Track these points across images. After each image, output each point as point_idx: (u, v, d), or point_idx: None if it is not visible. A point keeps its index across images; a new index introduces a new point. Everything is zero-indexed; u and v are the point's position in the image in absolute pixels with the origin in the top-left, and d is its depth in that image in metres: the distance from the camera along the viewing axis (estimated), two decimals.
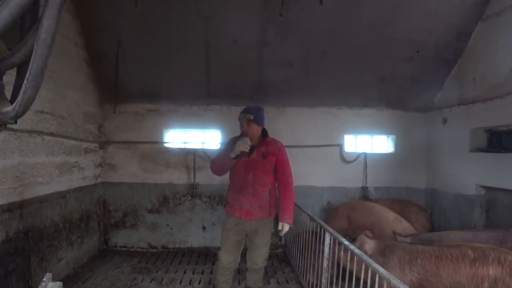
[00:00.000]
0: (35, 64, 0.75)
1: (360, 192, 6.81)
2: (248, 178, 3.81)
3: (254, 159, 3.82)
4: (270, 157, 3.83)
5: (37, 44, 0.73)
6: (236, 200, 3.88)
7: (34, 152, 4.42)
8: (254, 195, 3.80)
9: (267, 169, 3.84)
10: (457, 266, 3.16)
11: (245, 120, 3.80)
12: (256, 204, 3.82)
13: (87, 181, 5.94)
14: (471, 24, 5.48)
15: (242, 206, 3.82)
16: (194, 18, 5.22)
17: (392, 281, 2.27)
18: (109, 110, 6.44)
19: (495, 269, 3.04)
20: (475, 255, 3.16)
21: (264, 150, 3.84)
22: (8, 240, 3.91)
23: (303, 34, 5.46)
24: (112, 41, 5.56)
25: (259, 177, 3.81)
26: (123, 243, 6.63)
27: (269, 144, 3.90)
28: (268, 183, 3.87)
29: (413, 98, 6.60)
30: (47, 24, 0.71)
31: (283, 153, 3.93)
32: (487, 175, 5.27)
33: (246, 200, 3.81)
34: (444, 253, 3.27)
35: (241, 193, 3.83)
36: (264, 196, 3.84)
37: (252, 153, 3.81)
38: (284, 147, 3.98)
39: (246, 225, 3.86)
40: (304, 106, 6.69)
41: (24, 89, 0.80)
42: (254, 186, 3.80)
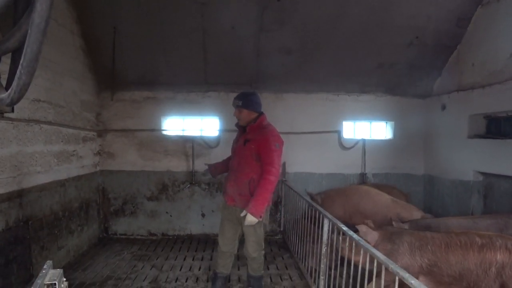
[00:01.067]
0: (29, 50, 0.74)
1: (359, 179, 6.83)
2: (234, 164, 3.92)
3: (239, 146, 3.87)
4: (249, 144, 3.75)
5: (31, 29, 0.72)
6: (224, 184, 4.05)
7: (32, 141, 4.40)
8: (235, 182, 3.84)
9: (248, 156, 3.76)
10: (466, 252, 3.21)
11: (234, 106, 3.91)
12: (236, 192, 3.83)
13: (86, 169, 5.94)
14: (470, 10, 5.44)
15: (226, 191, 3.95)
16: (191, 4, 5.17)
17: (390, 266, 2.28)
18: (107, 98, 6.41)
19: (502, 254, 3.11)
20: (482, 241, 3.23)
21: (246, 137, 3.82)
22: (8, 229, 3.92)
23: (301, 20, 5.41)
24: (109, 29, 5.51)
25: (241, 164, 3.82)
26: (123, 230, 6.66)
27: (254, 131, 3.83)
28: (251, 171, 3.75)
29: (412, 84, 6.58)
30: (40, 8, 0.69)
31: (267, 139, 3.69)
32: (485, 161, 5.28)
33: (229, 186, 3.91)
34: (453, 240, 3.32)
35: (228, 178, 3.99)
36: (243, 184, 3.78)
37: (238, 139, 3.96)
38: (274, 135, 3.79)
39: (232, 210, 3.90)
40: (302, 92, 6.67)
41: (19, 75, 0.79)
42: (236, 173, 3.85)
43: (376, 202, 5.38)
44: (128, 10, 5.26)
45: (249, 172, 3.76)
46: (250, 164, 3.76)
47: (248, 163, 3.77)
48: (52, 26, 4.80)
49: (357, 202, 5.47)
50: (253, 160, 3.74)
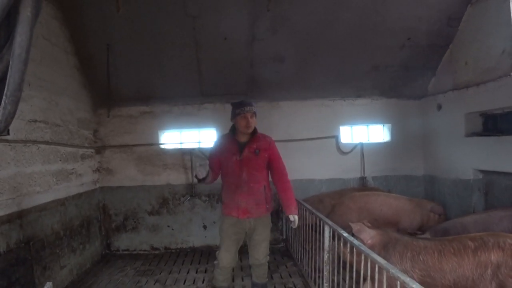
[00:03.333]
0: (12, 80, 0.75)
1: (359, 183, 6.83)
2: (242, 176, 3.76)
3: (246, 156, 3.77)
4: (262, 153, 3.80)
5: (12, 60, 0.73)
6: (232, 199, 3.82)
7: (30, 161, 4.41)
8: (249, 193, 3.76)
9: (260, 165, 3.82)
10: (460, 259, 3.15)
11: (250, 113, 3.76)
12: (253, 202, 3.78)
13: (85, 187, 5.94)
14: (460, 9, 5.47)
15: (239, 205, 3.77)
16: (182, 17, 5.20)
17: (390, 270, 2.28)
18: (103, 114, 6.43)
19: (496, 254, 3.04)
20: (475, 244, 3.16)
21: (255, 147, 3.79)
22: (9, 251, 3.91)
23: (293, 27, 5.44)
24: (102, 46, 5.54)
25: (253, 174, 3.77)
26: (125, 246, 6.64)
27: (260, 140, 3.86)
28: (262, 179, 3.85)
29: (407, 85, 6.60)
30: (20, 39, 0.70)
31: (274, 147, 3.94)
32: (484, 159, 5.28)
33: (242, 198, 3.76)
34: (446, 247, 3.26)
35: (236, 192, 3.78)
36: (260, 193, 3.82)
37: (244, 150, 3.77)
38: (274, 141, 4.00)
39: (244, 224, 3.82)
40: (297, 99, 6.69)
41: (4, 105, 0.80)
42: (248, 184, 3.76)
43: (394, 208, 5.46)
44: (121, 27, 5.29)
45: (262, 181, 3.84)
46: (262, 172, 3.85)
47: (261, 172, 3.83)
48: (46, 45, 4.83)
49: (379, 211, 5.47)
50: (265, 168, 3.88)
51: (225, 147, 3.87)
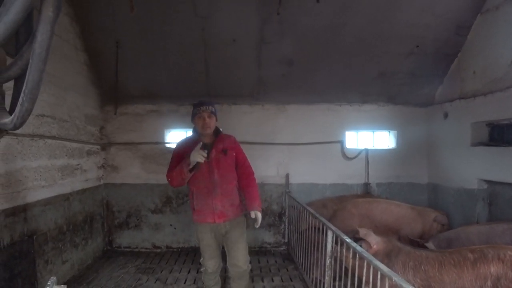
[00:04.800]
0: (31, 78, 0.77)
1: (363, 189, 6.82)
2: (214, 178, 3.63)
3: (215, 157, 3.65)
4: (230, 152, 3.73)
5: (32, 59, 0.75)
6: (205, 204, 3.67)
7: (37, 155, 4.44)
8: (224, 195, 3.67)
9: (230, 165, 3.75)
10: (460, 270, 3.16)
11: (207, 112, 3.63)
12: (228, 204, 3.70)
13: (90, 183, 5.97)
14: (470, 18, 5.46)
15: (214, 209, 3.65)
16: (192, 18, 5.23)
17: (394, 278, 2.28)
18: (110, 111, 6.47)
19: (495, 266, 3.05)
20: (475, 256, 3.18)
21: (222, 147, 3.71)
22: (12, 244, 3.94)
23: (301, 31, 5.46)
24: (111, 43, 5.57)
25: (224, 175, 3.67)
26: (127, 243, 6.66)
27: (225, 140, 3.79)
28: (233, 179, 3.78)
29: (414, 93, 6.59)
30: (41, 39, 0.72)
31: (239, 145, 3.89)
32: (489, 169, 5.26)
33: (217, 202, 3.64)
34: (447, 258, 3.27)
35: (210, 195, 3.64)
36: (234, 193, 3.76)
37: (211, 151, 3.61)
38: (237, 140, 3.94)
39: (221, 228, 3.73)
40: (304, 103, 6.70)
41: (21, 101, 0.81)
42: (222, 185, 3.66)
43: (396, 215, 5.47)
44: (131, 25, 5.32)
45: (232, 180, 3.76)
46: (232, 172, 3.77)
47: (231, 171, 3.75)
48: (56, 41, 4.87)
49: (380, 218, 5.48)
50: (233, 167, 3.79)
51: (190, 149, 3.53)
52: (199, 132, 3.72)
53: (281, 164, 6.61)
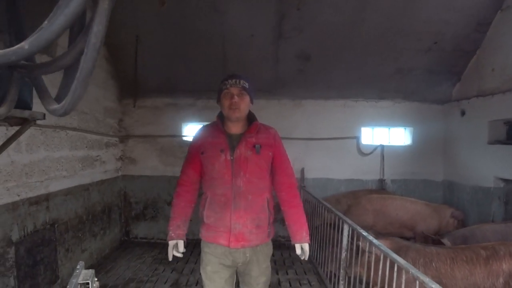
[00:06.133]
0: (85, 66, 0.83)
1: (378, 185, 6.83)
2: (237, 184, 2.53)
3: (241, 155, 2.55)
4: (265, 151, 2.59)
5: (87, 48, 0.81)
6: (220, 219, 2.58)
7: (59, 146, 4.56)
8: (247, 210, 2.55)
9: (263, 168, 2.61)
10: (472, 267, 3.19)
11: (237, 88, 2.54)
12: (253, 223, 2.57)
13: (108, 174, 6.09)
14: (490, 15, 5.41)
15: (231, 229, 2.54)
16: (211, 13, 5.28)
17: (411, 270, 2.31)
18: (129, 104, 6.58)
19: (508, 263, 3.09)
20: (487, 253, 3.20)
21: (255, 141, 2.59)
22: (36, 231, 4.06)
23: (320, 26, 5.47)
24: (131, 38, 5.66)
25: (252, 182, 2.55)
26: (144, 234, 6.79)
27: (260, 131, 2.64)
28: (265, 189, 2.64)
29: (431, 89, 6.57)
30: (97, 29, 0.78)
31: (280, 143, 2.74)
32: (506, 167, 5.23)
33: (236, 218, 2.54)
34: (459, 255, 3.29)
35: (227, 208, 2.55)
36: (263, 209, 2.61)
37: (238, 146, 2.56)
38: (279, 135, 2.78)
39: (237, 255, 2.61)
40: (320, 98, 6.72)
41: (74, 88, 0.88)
42: (247, 196, 2.54)
43: (411, 212, 5.51)
44: (150, 20, 5.39)
45: (264, 192, 2.63)
46: (265, 179, 2.64)
47: (263, 178, 2.62)
48: None
49: (395, 215, 5.51)
50: (267, 173, 2.66)
51: (208, 142, 2.64)
52: (225, 115, 2.61)
53: (296, 159, 6.63)
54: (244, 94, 2.55)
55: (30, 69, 0.96)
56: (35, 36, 0.75)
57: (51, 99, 1.06)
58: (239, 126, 2.64)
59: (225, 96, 2.56)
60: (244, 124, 2.66)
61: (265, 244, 2.71)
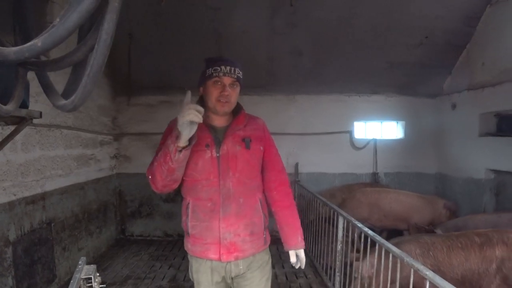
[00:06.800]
0: (96, 62, 0.86)
1: (371, 178, 6.91)
2: (226, 186, 2.13)
3: (229, 152, 2.15)
4: (255, 145, 2.23)
5: (98, 44, 0.84)
6: (207, 229, 2.15)
7: (54, 145, 4.55)
8: (239, 215, 2.15)
9: (254, 166, 2.24)
10: (468, 253, 3.27)
11: (230, 78, 2.17)
12: (246, 230, 2.18)
13: (103, 172, 6.10)
14: (479, 9, 5.48)
15: (221, 239, 2.13)
16: (204, 9, 5.29)
17: (405, 259, 2.37)
18: (123, 102, 6.58)
19: (500, 249, 3.18)
20: (481, 240, 3.29)
21: (243, 134, 2.22)
22: (32, 231, 4.07)
23: (312, 22, 5.50)
24: (124, 35, 5.64)
25: (243, 182, 2.17)
26: (140, 232, 6.81)
27: (248, 123, 2.29)
28: (257, 189, 2.28)
29: (422, 83, 6.64)
30: (107, 26, 0.81)
31: (269, 134, 2.39)
32: (497, 159, 5.32)
33: (226, 226, 2.13)
34: (454, 242, 3.37)
35: (217, 215, 2.13)
36: (256, 212, 2.23)
37: (224, 140, 2.16)
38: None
39: (232, 269, 2.21)
40: (314, 93, 6.77)
41: (85, 84, 0.91)
42: (237, 198, 2.15)
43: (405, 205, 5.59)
44: (143, 17, 5.39)
45: (256, 191, 2.26)
46: (256, 178, 2.27)
47: (254, 177, 2.25)
48: None
49: (389, 208, 5.58)
50: (259, 170, 2.31)
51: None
52: (210, 107, 2.20)
53: (291, 154, 6.69)
54: (236, 85, 2.21)
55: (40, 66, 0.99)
56: (48, 34, 0.78)
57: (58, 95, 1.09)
58: (224, 118, 2.26)
59: (214, 85, 2.15)
60: (229, 116, 2.28)
61: (262, 252, 2.30)
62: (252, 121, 2.32)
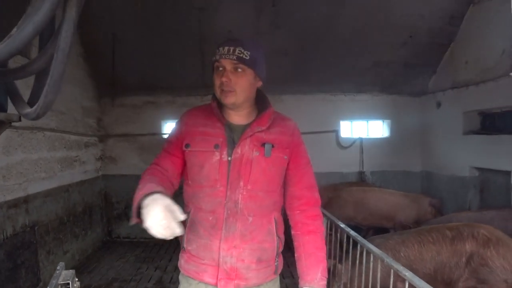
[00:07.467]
0: (55, 71, 0.85)
1: (357, 177, 6.94)
2: (233, 199, 1.70)
3: (244, 157, 1.70)
4: (278, 153, 1.76)
5: (57, 53, 0.82)
6: (205, 247, 1.73)
7: (36, 148, 4.50)
8: (246, 238, 1.71)
9: (273, 178, 1.76)
10: (439, 247, 3.29)
11: (230, 60, 1.66)
12: (252, 257, 1.72)
13: (88, 174, 6.04)
14: (462, 8, 5.53)
15: (220, 262, 1.70)
16: (188, 9, 5.27)
17: (385, 259, 2.38)
18: (107, 103, 6.53)
19: (470, 243, 3.21)
20: (452, 234, 3.31)
21: (265, 138, 1.75)
22: (15, 234, 4.01)
23: (296, 22, 5.51)
24: (108, 35, 5.60)
25: (256, 196, 1.72)
26: (126, 234, 6.76)
27: (274, 124, 1.80)
28: (274, 207, 1.81)
29: (407, 82, 6.69)
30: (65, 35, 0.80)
31: (301, 141, 1.95)
32: (481, 157, 5.38)
33: (228, 247, 1.70)
34: (425, 237, 3.39)
35: (217, 232, 1.71)
36: (269, 236, 1.77)
37: (240, 141, 1.71)
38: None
39: None
40: (299, 93, 6.78)
41: (46, 93, 0.89)
42: (245, 217, 1.71)
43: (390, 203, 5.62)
44: (127, 17, 5.35)
45: (272, 211, 1.79)
46: (274, 193, 1.80)
47: (272, 191, 1.78)
48: None
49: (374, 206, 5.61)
50: (280, 185, 1.83)
51: (199, 132, 1.78)
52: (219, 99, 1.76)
53: None
54: (242, 69, 1.67)
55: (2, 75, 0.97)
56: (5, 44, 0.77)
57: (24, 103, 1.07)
58: (243, 114, 1.80)
59: (216, 72, 1.73)
60: (251, 111, 1.83)
61: (270, 282, 1.84)
62: (279, 122, 1.84)
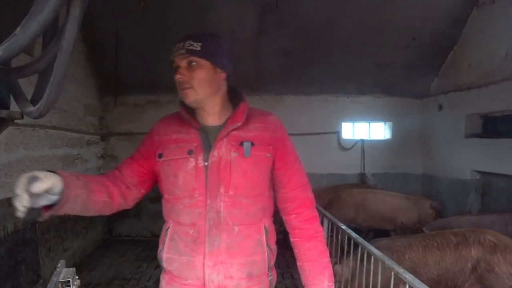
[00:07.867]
0: (58, 71, 0.85)
1: (358, 179, 6.94)
2: (214, 208, 1.53)
3: (222, 159, 1.54)
4: (259, 150, 1.58)
5: (60, 53, 0.83)
6: (187, 265, 1.56)
7: (38, 145, 4.51)
8: (232, 251, 1.55)
9: (257, 180, 1.59)
10: (443, 252, 3.29)
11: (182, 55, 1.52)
12: (242, 272, 1.56)
13: (90, 172, 6.04)
14: (466, 11, 5.53)
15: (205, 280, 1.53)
16: (192, 9, 5.27)
17: (386, 262, 2.38)
18: (110, 102, 6.54)
19: (476, 249, 3.20)
20: (457, 239, 3.31)
21: (242, 135, 1.59)
22: (16, 232, 4.02)
23: (300, 23, 5.51)
24: (111, 34, 5.60)
25: (239, 203, 1.55)
26: (127, 232, 6.78)
27: (252, 119, 1.64)
28: (263, 213, 1.65)
29: (409, 84, 6.69)
30: (68, 35, 0.80)
31: (286, 136, 1.74)
32: (482, 160, 5.37)
33: (214, 263, 1.53)
34: (430, 242, 3.39)
35: (200, 247, 1.54)
36: (258, 247, 1.62)
37: (215, 143, 1.56)
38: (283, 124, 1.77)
39: None
40: (301, 94, 6.79)
41: (48, 92, 0.90)
42: (230, 226, 1.54)
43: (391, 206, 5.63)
44: (130, 16, 5.35)
45: (261, 218, 1.64)
46: (261, 197, 1.62)
47: (258, 196, 1.60)
48: None
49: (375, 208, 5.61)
50: (267, 186, 1.65)
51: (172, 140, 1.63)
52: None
53: None
54: (196, 62, 1.52)
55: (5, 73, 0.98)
56: (9, 43, 0.77)
57: (26, 102, 1.08)
58: (215, 112, 1.63)
59: (175, 71, 1.57)
60: (224, 109, 1.65)
61: None
62: (259, 117, 1.67)
